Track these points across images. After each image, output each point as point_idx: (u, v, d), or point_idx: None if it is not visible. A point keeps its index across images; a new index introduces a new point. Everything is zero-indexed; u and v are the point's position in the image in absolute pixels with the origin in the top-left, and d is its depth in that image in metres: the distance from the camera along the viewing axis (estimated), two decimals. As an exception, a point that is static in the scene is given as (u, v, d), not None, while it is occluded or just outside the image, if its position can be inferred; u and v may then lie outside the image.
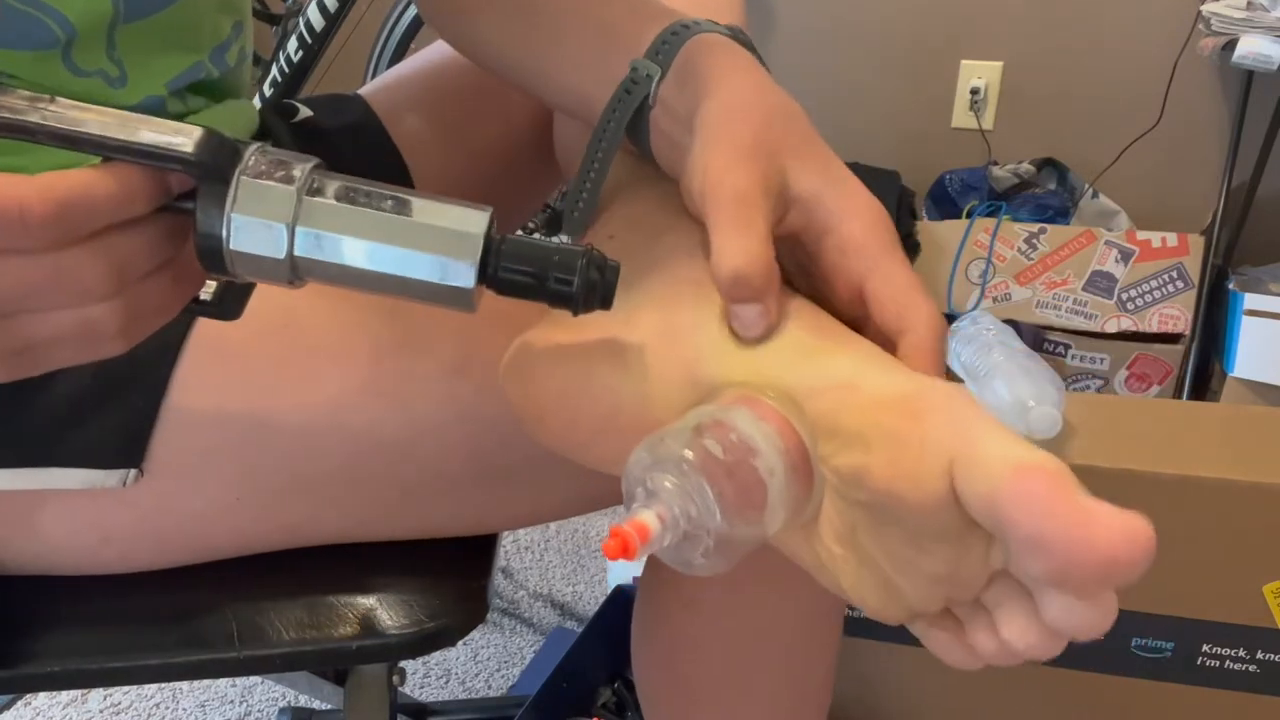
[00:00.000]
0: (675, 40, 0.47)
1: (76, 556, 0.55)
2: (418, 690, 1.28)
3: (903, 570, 0.36)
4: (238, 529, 0.55)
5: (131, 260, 0.35)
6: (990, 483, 0.31)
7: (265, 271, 0.36)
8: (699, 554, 0.35)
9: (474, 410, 0.52)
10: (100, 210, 0.33)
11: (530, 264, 0.38)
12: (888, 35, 2.18)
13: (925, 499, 0.33)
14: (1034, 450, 0.32)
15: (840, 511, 0.37)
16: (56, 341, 0.35)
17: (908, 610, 0.37)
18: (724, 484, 0.34)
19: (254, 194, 0.35)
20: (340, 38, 1.67)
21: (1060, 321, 1.91)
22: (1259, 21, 1.68)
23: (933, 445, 0.33)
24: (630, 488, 0.36)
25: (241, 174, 0.35)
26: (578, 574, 1.49)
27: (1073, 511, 0.30)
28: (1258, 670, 0.99)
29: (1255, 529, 0.93)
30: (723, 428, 0.36)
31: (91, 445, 0.51)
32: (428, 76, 0.78)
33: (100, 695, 1.26)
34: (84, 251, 0.33)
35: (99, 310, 0.34)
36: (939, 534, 0.34)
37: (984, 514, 0.32)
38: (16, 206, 0.31)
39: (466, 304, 0.38)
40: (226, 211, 0.35)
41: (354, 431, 0.52)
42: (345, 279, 0.37)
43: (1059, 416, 0.94)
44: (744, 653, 0.61)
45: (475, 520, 0.58)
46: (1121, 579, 0.30)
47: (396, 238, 0.36)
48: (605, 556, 0.33)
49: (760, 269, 0.39)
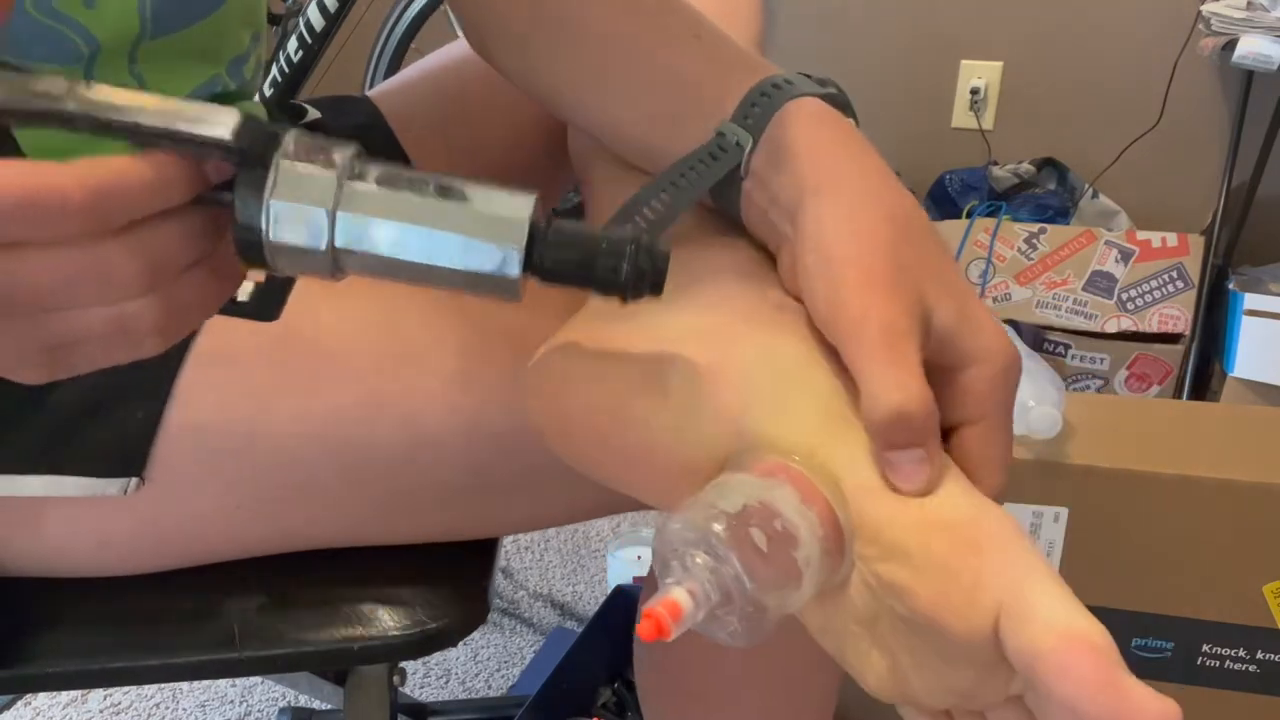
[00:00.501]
0: (766, 104, 0.44)
1: (77, 559, 0.55)
2: (418, 690, 1.28)
3: (921, 672, 0.36)
4: (237, 534, 0.55)
5: (167, 254, 0.33)
6: (1035, 644, 0.32)
7: (306, 263, 0.35)
8: (726, 632, 0.35)
9: (475, 422, 0.52)
10: (136, 199, 0.32)
11: (577, 250, 0.36)
12: (887, 35, 2.18)
13: (966, 634, 0.33)
14: (1083, 616, 0.32)
15: (866, 601, 0.36)
16: (91, 340, 0.33)
17: (906, 699, 0.37)
18: (759, 570, 0.34)
19: (293, 180, 0.33)
20: (340, 38, 1.67)
21: (1060, 321, 1.91)
22: (1259, 21, 1.68)
23: (985, 585, 0.33)
24: (665, 555, 0.35)
25: (281, 158, 0.33)
26: (578, 574, 1.49)
27: (1111, 691, 0.30)
28: (1258, 670, 0.99)
29: (1255, 529, 0.93)
30: (767, 513, 0.35)
31: (93, 453, 0.51)
32: (436, 80, 0.77)
33: (100, 695, 1.26)
34: (119, 244, 0.32)
35: (134, 306, 0.33)
36: (970, 660, 0.34)
37: (1023, 668, 0.32)
38: (58, 194, 0.30)
39: (512, 293, 0.36)
40: (265, 198, 0.33)
41: (355, 442, 0.52)
42: (387, 269, 0.35)
43: (1059, 416, 0.94)
44: (749, 658, 0.61)
45: (474, 527, 0.58)
46: None
47: (439, 223, 0.34)
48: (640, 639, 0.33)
49: (922, 408, 0.36)
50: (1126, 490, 0.94)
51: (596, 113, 0.52)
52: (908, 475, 0.36)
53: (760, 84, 0.45)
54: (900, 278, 0.38)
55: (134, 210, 0.32)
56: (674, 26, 0.50)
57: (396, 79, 0.79)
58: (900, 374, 0.36)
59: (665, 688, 0.66)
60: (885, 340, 0.37)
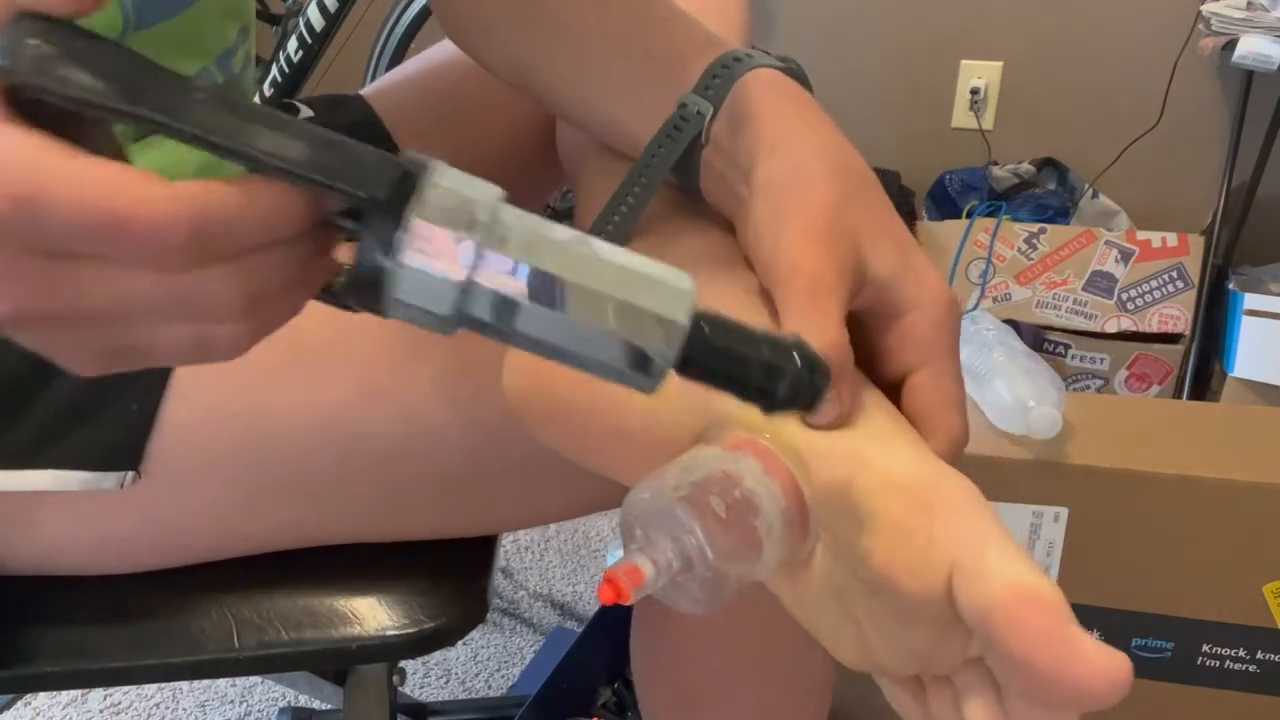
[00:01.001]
0: (727, 75, 0.46)
1: (75, 556, 0.55)
2: (418, 690, 1.28)
3: (884, 637, 0.36)
4: (236, 530, 0.55)
5: (268, 285, 0.30)
6: (988, 600, 0.32)
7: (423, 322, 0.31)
8: (688, 600, 0.36)
9: (473, 412, 0.52)
10: (244, 236, 0.28)
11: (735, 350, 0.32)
12: (887, 35, 2.18)
13: (921, 593, 0.34)
14: (1034, 572, 0.33)
15: (831, 570, 0.37)
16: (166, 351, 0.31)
17: (877, 667, 0.37)
18: (720, 538, 0.35)
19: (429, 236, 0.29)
20: (340, 38, 1.67)
21: (1060, 321, 1.91)
22: (1259, 21, 1.68)
23: (938, 544, 0.34)
24: (628, 525, 0.36)
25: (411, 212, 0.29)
26: (578, 574, 1.49)
27: (1063, 645, 0.31)
28: (1258, 670, 0.99)
29: (1255, 529, 0.94)
30: (729, 481, 0.36)
31: (89, 447, 0.51)
32: (429, 77, 0.77)
33: (100, 695, 1.26)
34: (219, 273, 0.28)
35: (222, 330, 0.30)
36: (926, 620, 0.34)
37: (976, 625, 0.33)
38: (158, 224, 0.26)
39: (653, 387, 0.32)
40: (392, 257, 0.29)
41: (352, 433, 0.52)
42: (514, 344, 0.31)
43: (1059, 416, 0.94)
44: (742, 653, 0.61)
45: (473, 522, 0.58)
46: (1096, 707, 0.31)
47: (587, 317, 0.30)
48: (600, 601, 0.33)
49: (836, 355, 0.38)
50: (1126, 490, 0.94)
51: (567, 93, 0.54)
52: (819, 412, 0.38)
53: (721, 57, 0.47)
54: (837, 232, 0.41)
55: (240, 246, 0.29)
56: (642, 11, 0.52)
57: (390, 77, 0.79)
58: (818, 320, 0.39)
59: (662, 684, 0.66)
60: (810, 291, 0.39)
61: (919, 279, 0.42)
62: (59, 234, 0.26)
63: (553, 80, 0.54)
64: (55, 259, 0.27)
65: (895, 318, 0.42)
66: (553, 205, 1.88)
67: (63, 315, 0.28)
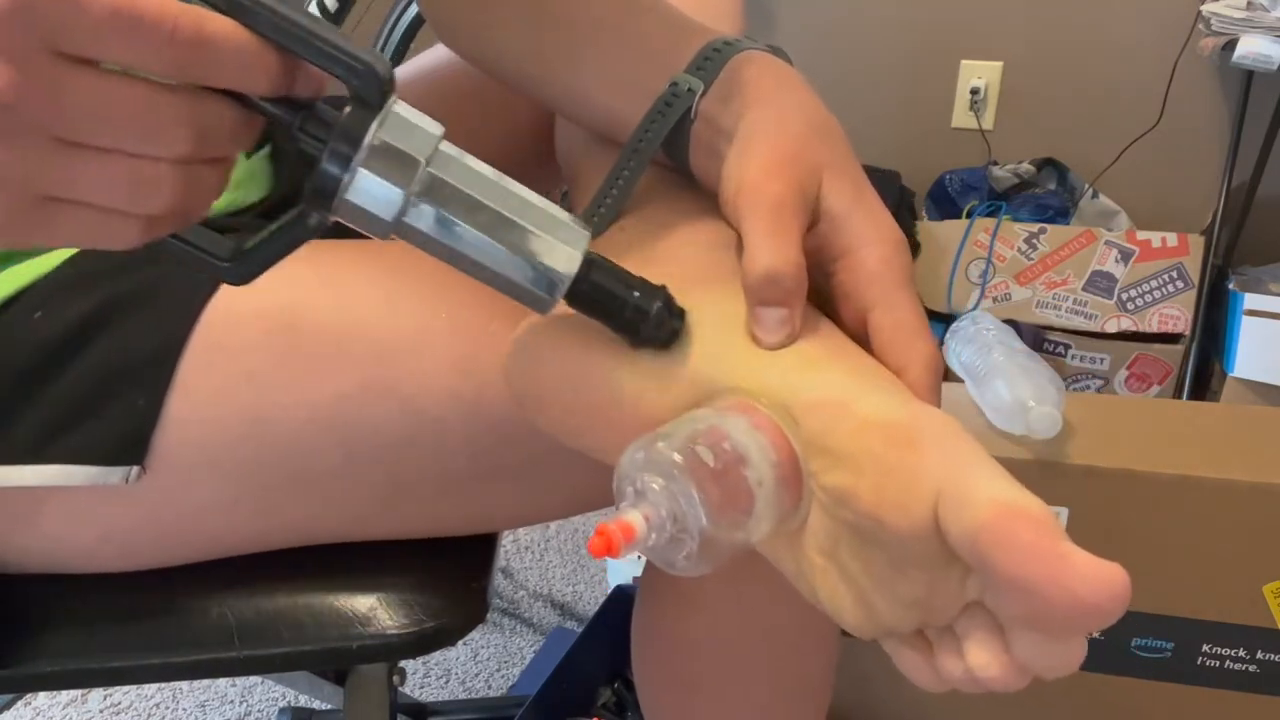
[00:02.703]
0: (719, 56, 0.48)
1: (76, 554, 0.55)
2: (418, 690, 1.28)
3: (880, 590, 0.36)
4: (238, 526, 0.55)
5: (218, 134, 0.33)
6: (975, 522, 0.32)
7: (375, 204, 0.35)
8: (682, 555, 0.35)
9: (476, 408, 0.52)
10: (230, 64, 0.31)
11: (613, 292, 0.39)
12: (888, 35, 2.18)
13: (909, 528, 0.34)
14: (1020, 491, 0.32)
15: (825, 526, 0.37)
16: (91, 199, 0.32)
17: (881, 627, 0.37)
18: (712, 490, 0.35)
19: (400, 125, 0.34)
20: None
21: (1060, 321, 1.91)
22: (1259, 21, 1.68)
23: (922, 476, 0.34)
24: (621, 485, 0.36)
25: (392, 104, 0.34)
26: (578, 574, 1.49)
27: (1053, 557, 0.31)
28: (1258, 670, 0.99)
29: (1255, 529, 0.94)
30: (717, 434, 0.36)
31: (94, 442, 0.51)
32: (427, 79, 0.78)
33: (100, 695, 1.26)
34: (186, 97, 0.31)
35: (158, 171, 0.32)
36: (919, 561, 0.34)
37: (966, 550, 0.32)
38: (170, 20, 0.30)
39: (549, 299, 0.39)
40: (369, 133, 0.33)
41: (356, 429, 0.52)
42: (449, 238, 0.36)
43: (1059, 416, 0.94)
44: (743, 652, 0.61)
45: (474, 519, 0.58)
46: (1095, 625, 0.31)
47: (516, 213, 0.37)
48: (590, 554, 0.33)
49: (792, 272, 0.40)
50: (1126, 490, 0.94)
51: (558, 82, 0.54)
52: (771, 329, 0.40)
53: (712, 41, 0.49)
54: (801, 162, 0.43)
55: (221, 74, 0.32)
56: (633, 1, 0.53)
57: None
58: (777, 241, 0.40)
59: (662, 680, 0.66)
60: (771, 212, 0.41)
61: (868, 217, 0.43)
62: (86, 21, 0.29)
63: (546, 73, 0.55)
64: (58, 58, 0.29)
65: (846, 254, 0.43)
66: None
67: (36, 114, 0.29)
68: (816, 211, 0.43)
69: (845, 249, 0.43)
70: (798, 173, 0.42)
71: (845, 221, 0.43)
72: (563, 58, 0.54)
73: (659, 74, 0.49)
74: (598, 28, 0.52)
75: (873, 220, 0.43)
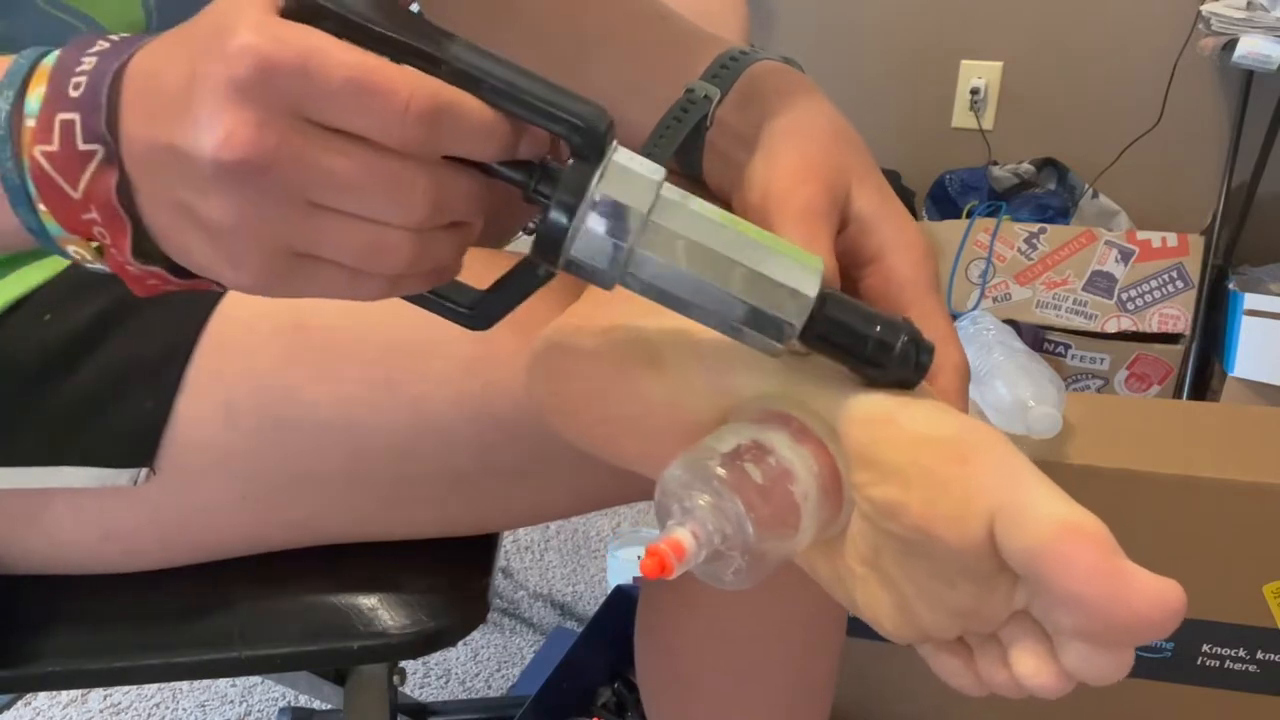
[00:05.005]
0: (735, 65, 0.48)
1: (80, 553, 0.55)
2: (418, 690, 1.28)
3: (925, 599, 0.36)
4: (242, 526, 0.55)
5: (454, 201, 0.34)
6: (1034, 540, 0.32)
7: (599, 257, 0.35)
8: (730, 571, 0.35)
9: (483, 408, 0.52)
10: (466, 136, 0.33)
11: (852, 325, 0.37)
12: (888, 35, 2.18)
13: (962, 543, 0.34)
14: (1077, 509, 0.33)
15: (865, 535, 0.37)
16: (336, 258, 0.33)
17: (921, 634, 0.37)
18: (759, 507, 0.35)
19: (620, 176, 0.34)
20: (340, 38, 1.67)
21: (1060, 321, 1.91)
22: (1259, 21, 1.68)
23: (976, 492, 0.34)
24: (665, 503, 0.36)
25: (611, 154, 0.34)
26: (578, 574, 1.49)
27: (1114, 575, 0.31)
28: (1258, 670, 0.99)
29: (1255, 529, 0.94)
30: (761, 450, 0.36)
31: (103, 445, 0.51)
32: None
33: (100, 695, 1.26)
34: (424, 168, 0.33)
35: (398, 237, 0.33)
36: (968, 574, 0.34)
37: (1024, 567, 0.33)
38: (406, 91, 0.31)
39: (780, 341, 0.37)
40: (592, 187, 0.34)
41: (363, 429, 0.52)
42: (674, 285, 0.36)
43: (1059, 416, 0.94)
44: (746, 653, 0.61)
45: (479, 518, 0.58)
46: (1151, 637, 0.31)
47: (743, 256, 0.36)
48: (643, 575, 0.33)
49: (830, 275, 0.40)
50: (1126, 490, 0.94)
51: None
52: None
53: (728, 50, 0.49)
54: (825, 168, 0.43)
55: (459, 144, 0.33)
56: (641, 11, 0.54)
57: None
58: (813, 245, 0.41)
59: (666, 686, 0.66)
60: (804, 216, 0.42)
61: (897, 222, 0.44)
62: (330, 89, 0.30)
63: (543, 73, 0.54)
64: (304, 124, 0.31)
65: (875, 260, 0.44)
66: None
67: (287, 178, 0.31)
68: (845, 216, 0.44)
69: (875, 254, 0.44)
70: (827, 177, 0.43)
71: (875, 226, 0.43)
72: (571, 66, 0.53)
73: (670, 82, 0.49)
74: (607, 37, 0.53)
75: (901, 225, 0.44)
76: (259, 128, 0.30)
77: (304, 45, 0.30)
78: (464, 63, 0.33)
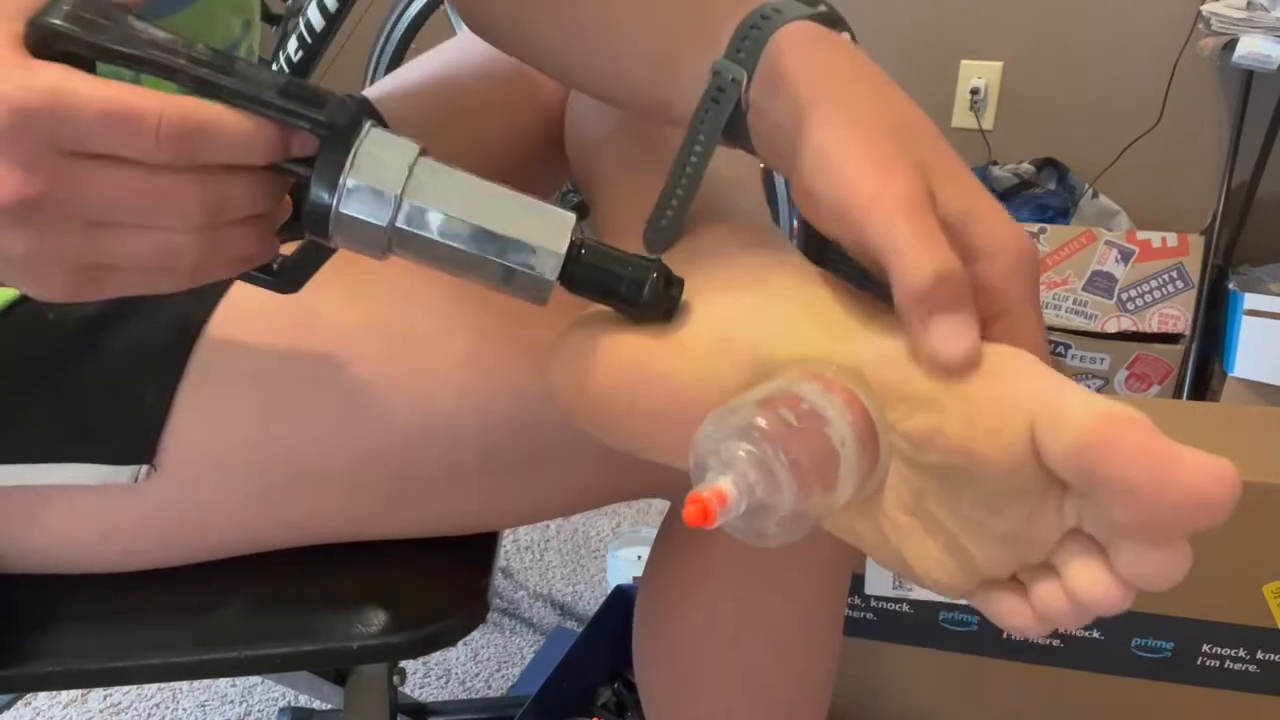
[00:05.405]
0: (757, 36, 0.43)
1: (79, 553, 0.55)
2: (418, 690, 1.28)
3: (973, 533, 0.35)
4: (242, 525, 0.55)
5: (231, 202, 0.37)
6: (1078, 435, 0.31)
7: (363, 238, 0.39)
8: (773, 523, 0.34)
9: (485, 404, 0.52)
10: (224, 146, 0.35)
11: (607, 269, 0.41)
12: (888, 35, 2.18)
13: (1006, 456, 0.33)
14: (1114, 403, 0.32)
15: (906, 479, 0.36)
16: (130, 265, 0.36)
17: (975, 576, 0.36)
18: (798, 452, 0.34)
19: (370, 163, 0.38)
20: (340, 38, 1.67)
21: (1060, 321, 1.91)
22: (1259, 21, 1.68)
23: (1012, 402, 0.33)
24: (701, 459, 0.35)
25: (361, 143, 0.38)
26: (578, 574, 1.49)
27: (1162, 456, 0.30)
28: (1258, 670, 0.99)
29: (1255, 529, 0.93)
30: (793, 398, 0.36)
31: (104, 442, 0.51)
32: (431, 79, 0.77)
33: (100, 695, 1.26)
34: (193, 178, 0.35)
35: (183, 239, 0.36)
36: (1015, 492, 0.34)
37: (1071, 466, 0.32)
38: (155, 115, 0.34)
39: (543, 297, 0.40)
40: (343, 176, 0.37)
41: (365, 426, 0.52)
42: (437, 255, 0.39)
43: (1059, 416, 0.94)
44: (744, 650, 0.61)
45: (478, 516, 0.58)
46: (1207, 521, 0.30)
47: (494, 223, 0.39)
48: (686, 524, 0.32)
49: (959, 269, 0.35)
50: (1126, 490, 0.94)
51: (599, 68, 0.52)
52: (954, 336, 0.35)
53: (749, 16, 0.44)
54: (906, 162, 0.37)
55: (219, 155, 0.35)
56: None
57: (392, 79, 0.80)
58: (931, 241, 0.35)
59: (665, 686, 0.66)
60: (907, 210, 0.36)
61: (992, 222, 0.38)
62: (81, 124, 0.33)
63: (578, 54, 0.53)
64: (68, 156, 0.34)
65: (969, 263, 0.37)
66: (553, 205, 1.87)
67: (64, 207, 0.34)
68: None
69: (967, 258, 0.38)
70: (912, 171, 0.37)
71: (964, 228, 0.38)
72: (593, 38, 0.51)
73: (695, 54, 0.45)
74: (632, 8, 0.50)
75: (995, 225, 0.38)
76: (27, 170, 0.33)
77: (51, 87, 0.33)
78: (199, 72, 0.36)
